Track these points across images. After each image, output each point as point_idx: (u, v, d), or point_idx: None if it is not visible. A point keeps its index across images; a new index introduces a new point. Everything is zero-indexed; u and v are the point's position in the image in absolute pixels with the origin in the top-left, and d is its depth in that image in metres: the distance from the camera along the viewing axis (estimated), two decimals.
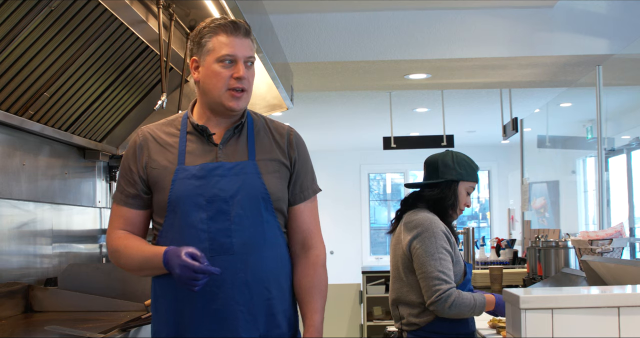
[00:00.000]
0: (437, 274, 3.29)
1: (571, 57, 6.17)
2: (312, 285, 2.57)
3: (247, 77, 2.49)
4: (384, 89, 8.05)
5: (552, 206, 9.06)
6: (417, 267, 3.37)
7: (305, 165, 2.64)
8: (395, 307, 3.52)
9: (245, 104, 2.53)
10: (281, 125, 2.66)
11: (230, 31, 2.48)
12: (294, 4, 5.89)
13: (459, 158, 3.58)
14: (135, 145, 2.56)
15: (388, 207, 14.77)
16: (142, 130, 2.59)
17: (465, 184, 3.56)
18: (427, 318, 3.38)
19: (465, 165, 3.56)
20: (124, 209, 2.57)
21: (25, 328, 3.34)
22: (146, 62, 4.18)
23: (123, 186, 2.56)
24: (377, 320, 8.51)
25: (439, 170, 3.56)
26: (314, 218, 2.65)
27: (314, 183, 2.66)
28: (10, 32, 3.05)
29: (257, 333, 2.45)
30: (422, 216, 3.48)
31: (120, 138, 4.80)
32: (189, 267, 2.27)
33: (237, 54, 2.47)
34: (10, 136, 3.68)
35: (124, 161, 2.57)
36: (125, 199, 2.55)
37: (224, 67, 2.47)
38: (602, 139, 6.24)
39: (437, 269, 3.30)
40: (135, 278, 3.76)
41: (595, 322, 2.42)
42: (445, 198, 3.54)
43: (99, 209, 4.86)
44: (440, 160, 3.58)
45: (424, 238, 3.38)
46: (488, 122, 10.45)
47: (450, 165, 3.55)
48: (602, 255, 4.37)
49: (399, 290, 3.48)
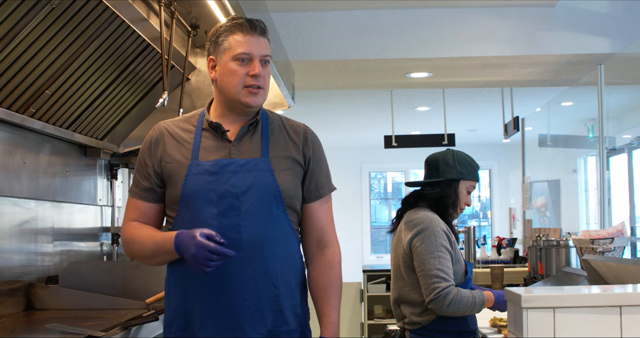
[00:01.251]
0: (435, 272, 3.30)
1: (573, 56, 6.17)
2: (329, 283, 2.60)
3: (263, 74, 2.52)
4: (385, 87, 8.05)
5: (553, 205, 9.06)
6: (416, 265, 3.38)
7: (321, 164, 2.66)
8: (397, 306, 3.52)
9: (262, 101, 2.56)
10: (297, 123, 2.69)
11: (247, 30, 2.51)
12: (296, 2, 5.89)
13: (460, 157, 3.59)
14: (151, 140, 2.60)
15: (389, 205, 14.77)
16: (159, 125, 2.64)
17: (466, 183, 3.57)
18: (429, 317, 3.37)
19: (466, 164, 3.57)
20: (138, 202, 2.61)
21: (26, 326, 3.34)
22: (147, 60, 4.18)
23: (138, 179, 2.61)
24: (378, 319, 8.52)
25: (440, 169, 3.57)
26: (329, 216, 2.67)
27: (329, 182, 2.69)
28: (11, 29, 3.05)
29: (264, 329, 2.47)
30: (423, 215, 3.48)
31: (122, 136, 4.80)
32: (205, 247, 2.31)
33: (252, 51, 2.50)
34: (12, 134, 3.68)
35: (140, 155, 2.62)
36: (140, 192, 2.60)
37: (240, 65, 2.50)
38: (604, 138, 6.25)
39: (436, 267, 3.31)
40: (137, 276, 3.76)
41: (597, 321, 2.42)
42: (446, 197, 3.54)
43: (100, 207, 4.86)
44: (441, 158, 3.59)
45: (424, 237, 3.38)
46: (489, 120, 10.45)
47: (451, 164, 3.55)
48: (603, 254, 4.37)
49: (401, 289, 3.48)
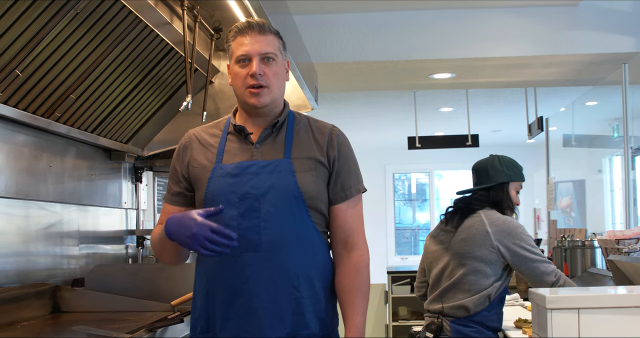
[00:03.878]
0: (541, 264, 3.57)
1: (596, 56, 6.13)
2: (355, 287, 2.56)
3: (263, 72, 2.51)
4: (408, 88, 8.04)
5: (578, 205, 9.02)
6: (522, 259, 3.58)
7: (347, 164, 2.62)
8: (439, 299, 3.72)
9: (268, 99, 2.53)
10: (324, 124, 2.66)
11: (244, 31, 2.54)
12: (318, 4, 5.90)
13: (506, 161, 3.83)
14: (180, 147, 2.67)
15: (413, 207, 14.73)
16: (189, 132, 2.70)
17: (515, 184, 3.81)
18: (481, 307, 3.61)
19: (512, 167, 3.81)
20: (169, 207, 2.66)
21: (52, 328, 3.37)
22: (171, 63, 4.20)
23: (170, 185, 2.67)
24: (403, 321, 8.51)
25: (489, 174, 3.80)
26: (357, 218, 2.62)
27: (358, 183, 2.64)
28: (36, 35, 3.08)
29: (284, 331, 2.45)
30: (504, 217, 3.71)
31: (146, 139, 4.83)
32: (206, 226, 2.32)
33: (249, 52, 2.51)
34: (37, 138, 3.72)
35: (172, 162, 2.68)
36: (171, 197, 2.66)
37: (241, 67, 2.53)
38: (629, 137, 6.21)
39: (539, 259, 3.58)
40: (162, 278, 3.78)
41: (622, 322, 2.41)
42: (502, 200, 3.77)
43: (125, 210, 4.89)
44: (489, 164, 3.82)
45: (521, 236, 3.62)
46: (513, 121, 10.40)
47: (499, 168, 3.79)
48: (629, 255, 4.34)
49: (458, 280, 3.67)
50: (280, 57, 2.58)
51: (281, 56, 2.59)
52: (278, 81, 2.56)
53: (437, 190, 14.21)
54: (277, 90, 2.57)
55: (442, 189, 14.35)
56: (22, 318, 3.40)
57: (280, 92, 2.59)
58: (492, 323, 3.62)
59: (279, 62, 2.57)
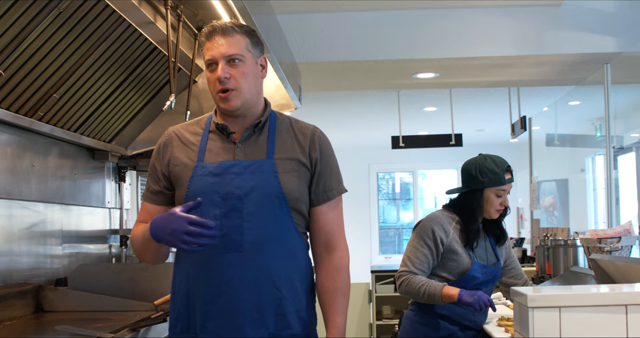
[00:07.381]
0: (404, 258, 3.77)
1: (579, 56, 6.16)
2: (336, 288, 2.57)
3: (229, 75, 2.49)
4: (392, 88, 8.05)
5: (561, 204, 9.06)
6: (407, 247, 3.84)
7: (329, 166, 2.62)
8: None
9: (239, 102, 2.52)
10: (306, 125, 2.66)
11: (209, 36, 2.53)
12: (302, 3, 5.89)
13: (482, 166, 3.77)
14: (160, 144, 2.66)
15: (397, 206, 14.75)
16: (169, 129, 2.68)
17: (492, 190, 3.77)
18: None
19: (487, 172, 3.75)
20: (148, 205, 2.65)
21: (35, 328, 3.36)
22: (154, 62, 4.20)
23: (149, 184, 2.66)
24: (386, 319, 8.53)
25: (464, 180, 3.85)
26: (338, 220, 2.63)
27: (339, 184, 2.65)
28: (19, 34, 3.06)
29: (266, 332, 2.45)
30: (430, 214, 3.84)
31: (129, 139, 4.82)
32: (184, 218, 2.34)
33: (215, 56, 2.50)
34: (20, 137, 3.70)
35: (151, 160, 2.68)
36: (150, 195, 2.64)
37: (210, 72, 2.54)
38: (611, 137, 6.24)
39: (406, 254, 3.76)
40: (145, 278, 3.78)
41: (603, 321, 2.42)
42: (468, 206, 3.79)
43: (108, 210, 4.88)
44: (465, 170, 3.85)
45: (415, 231, 3.80)
46: (496, 120, 10.43)
47: (473, 175, 3.78)
48: (610, 254, 4.36)
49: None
50: (249, 56, 2.54)
51: (251, 55, 2.54)
52: (247, 81, 2.53)
53: (421, 190, 14.22)
54: (248, 90, 2.54)
55: (425, 188, 14.36)
56: (5, 318, 3.39)
57: (252, 91, 2.56)
58: (430, 307, 3.76)
59: (247, 62, 2.53)
